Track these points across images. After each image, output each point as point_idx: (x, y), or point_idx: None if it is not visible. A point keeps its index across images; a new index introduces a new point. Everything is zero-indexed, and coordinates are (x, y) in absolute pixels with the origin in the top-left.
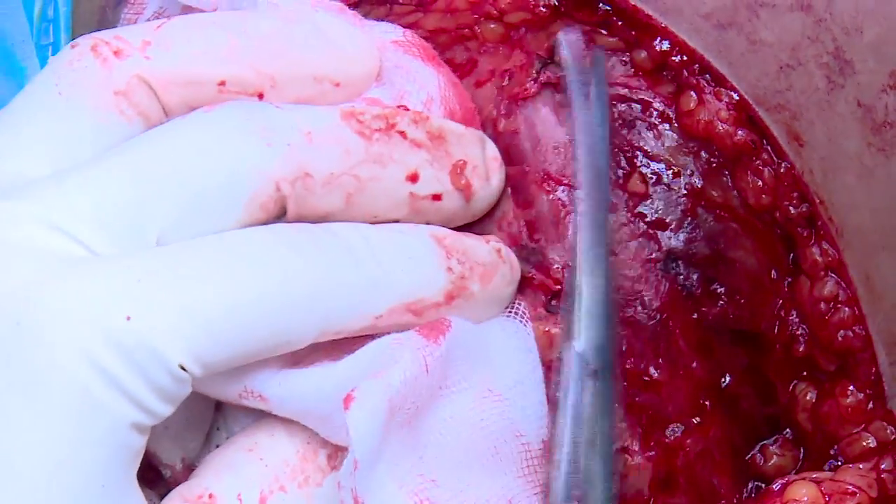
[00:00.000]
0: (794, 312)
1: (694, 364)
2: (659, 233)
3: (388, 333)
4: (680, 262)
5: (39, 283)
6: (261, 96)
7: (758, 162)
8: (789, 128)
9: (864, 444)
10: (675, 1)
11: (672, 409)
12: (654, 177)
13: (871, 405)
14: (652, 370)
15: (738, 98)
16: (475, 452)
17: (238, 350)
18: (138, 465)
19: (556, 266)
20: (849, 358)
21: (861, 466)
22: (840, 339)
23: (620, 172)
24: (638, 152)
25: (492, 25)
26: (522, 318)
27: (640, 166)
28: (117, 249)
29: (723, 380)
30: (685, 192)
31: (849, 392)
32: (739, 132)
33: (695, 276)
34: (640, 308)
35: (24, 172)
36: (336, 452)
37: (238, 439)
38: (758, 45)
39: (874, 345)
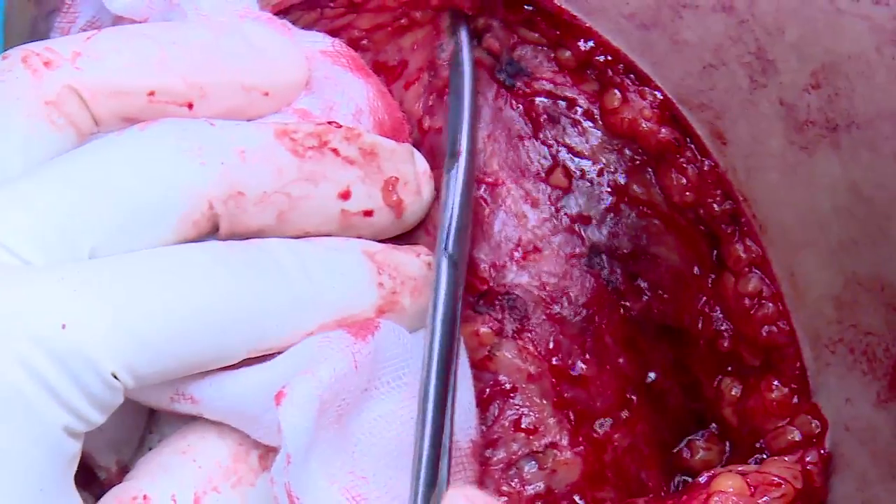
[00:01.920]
0: (717, 308)
1: (620, 359)
2: (582, 228)
3: None
4: (604, 256)
5: None
6: (190, 106)
7: (682, 160)
8: (712, 126)
9: (790, 437)
10: (599, 1)
11: (600, 405)
12: (578, 172)
13: (795, 399)
14: (579, 365)
15: (661, 97)
16: (404, 450)
17: (169, 364)
18: (75, 468)
19: (482, 266)
20: (773, 353)
21: (787, 459)
22: (764, 334)
23: (545, 164)
24: (562, 147)
25: (417, 14)
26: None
27: (563, 161)
28: (50, 261)
29: (649, 375)
30: (609, 188)
31: (774, 387)
32: (663, 130)
33: (619, 271)
34: (566, 304)
35: None
36: (267, 453)
37: (171, 441)
38: (681, 45)
39: (798, 340)
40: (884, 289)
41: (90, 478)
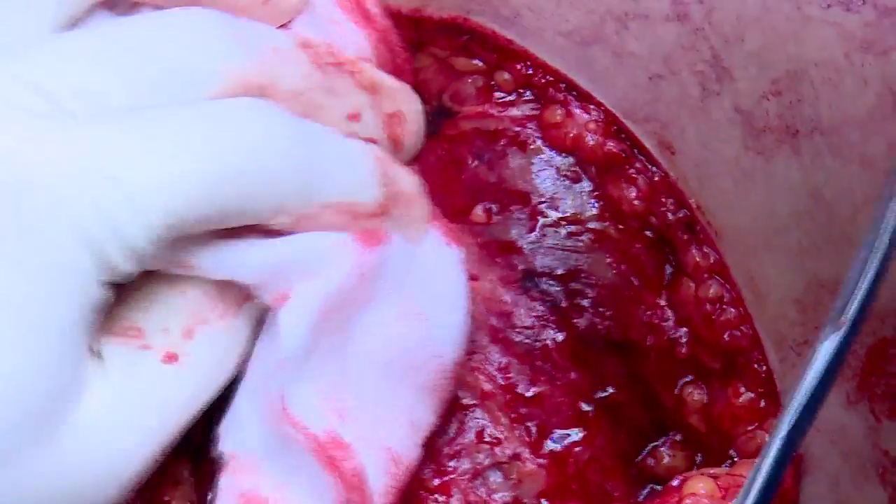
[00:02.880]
0: (669, 317)
1: (572, 375)
2: (513, 256)
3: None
4: (539, 280)
5: (20, 137)
6: None
7: (631, 171)
8: (660, 137)
9: (760, 440)
10: (535, 22)
11: (556, 420)
12: (502, 202)
13: (763, 403)
14: (530, 385)
15: (604, 111)
16: (391, 366)
17: (208, 211)
18: (101, 317)
19: None
20: (738, 357)
21: (756, 460)
22: (727, 338)
23: (467, 201)
24: (486, 182)
25: None
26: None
27: (484, 196)
28: (92, 114)
29: (603, 389)
30: (538, 212)
31: (740, 391)
32: (609, 143)
33: (557, 292)
34: (508, 327)
35: None
36: None
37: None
38: (624, 57)
39: (762, 343)
40: None
41: None
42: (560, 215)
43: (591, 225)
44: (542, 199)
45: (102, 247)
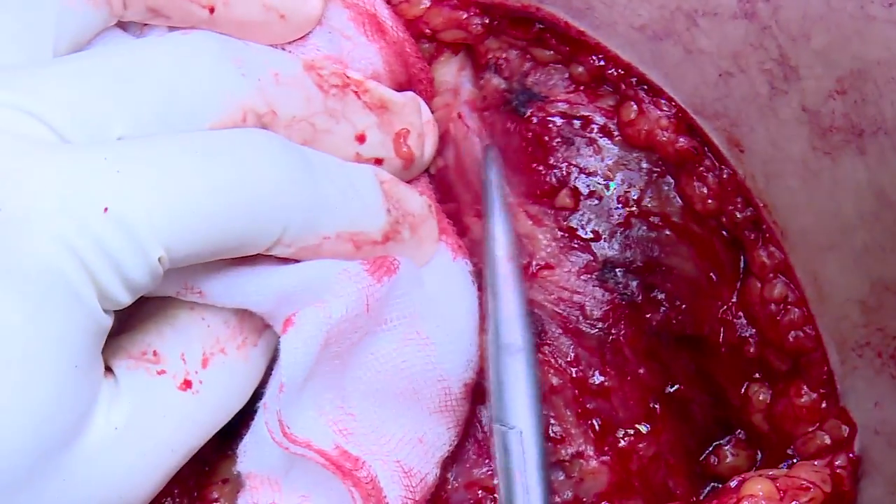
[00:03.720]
0: (741, 315)
1: (641, 370)
2: (593, 244)
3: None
4: (617, 270)
5: (20, 168)
6: (212, 10)
7: (701, 168)
8: (729, 134)
9: (819, 441)
10: (607, 15)
11: (623, 415)
12: (587, 190)
13: (824, 404)
14: (599, 377)
15: (676, 107)
16: (395, 391)
17: (206, 245)
18: (104, 341)
19: None
20: (801, 358)
21: (816, 463)
22: (791, 339)
23: (555, 186)
24: (573, 167)
25: (425, 45)
26: (464, 263)
27: (571, 181)
28: (89, 141)
29: (672, 385)
30: (619, 203)
31: (802, 392)
32: (681, 140)
33: (634, 284)
34: (582, 318)
35: None
36: None
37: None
38: (695, 53)
39: (825, 344)
40: None
41: None
42: (644, 208)
43: (674, 220)
44: (628, 191)
45: (99, 277)
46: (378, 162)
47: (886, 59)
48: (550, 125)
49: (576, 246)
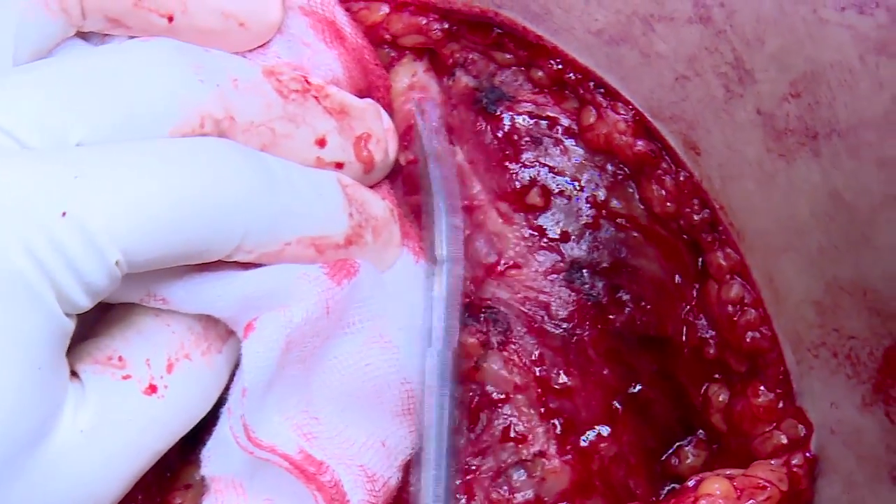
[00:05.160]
0: (702, 316)
1: (605, 371)
2: (561, 244)
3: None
4: (584, 271)
5: None
6: (171, 19)
7: (659, 171)
8: (686, 137)
9: (777, 441)
10: (565, 20)
11: (586, 415)
12: (557, 190)
13: (781, 404)
14: (563, 377)
15: (633, 111)
16: (358, 394)
17: (164, 251)
18: (67, 343)
19: (466, 282)
20: (758, 358)
21: (773, 462)
22: (748, 340)
23: (524, 185)
24: (542, 167)
25: (386, 50)
26: (427, 265)
27: (541, 181)
28: (48, 147)
29: (634, 385)
30: (587, 204)
31: (760, 392)
32: (638, 143)
33: (600, 285)
34: (547, 318)
35: None
36: None
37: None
38: (652, 57)
39: (781, 345)
40: (866, 293)
41: None
42: (611, 209)
43: (641, 221)
44: (596, 192)
45: (58, 280)
46: (339, 166)
47: (839, 62)
48: (519, 124)
49: (544, 245)
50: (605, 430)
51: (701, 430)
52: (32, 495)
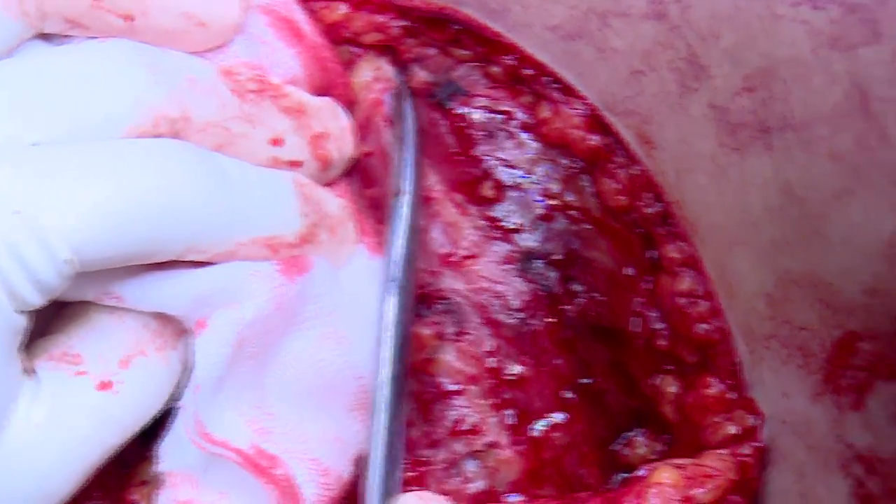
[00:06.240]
0: (654, 308)
1: (558, 360)
2: (515, 235)
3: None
4: (538, 262)
5: None
6: (129, 19)
7: (612, 165)
8: (640, 131)
9: (727, 431)
10: (523, 16)
11: (538, 405)
12: (511, 182)
13: (731, 394)
14: (516, 367)
15: (588, 105)
16: (312, 390)
17: (116, 251)
18: (20, 339)
19: (421, 273)
20: (709, 350)
21: (722, 451)
22: (700, 331)
23: (478, 177)
24: (496, 161)
25: (346, 48)
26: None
27: (494, 173)
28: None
29: (587, 376)
30: (541, 196)
31: (710, 383)
32: (592, 137)
33: (553, 276)
34: (501, 308)
35: None
36: None
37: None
38: (607, 53)
39: (732, 336)
40: (817, 286)
41: None
42: (564, 202)
43: (594, 214)
44: (549, 184)
45: (9, 278)
46: (295, 165)
47: (794, 57)
48: (474, 118)
49: (498, 236)
50: (557, 419)
51: (651, 421)
52: None
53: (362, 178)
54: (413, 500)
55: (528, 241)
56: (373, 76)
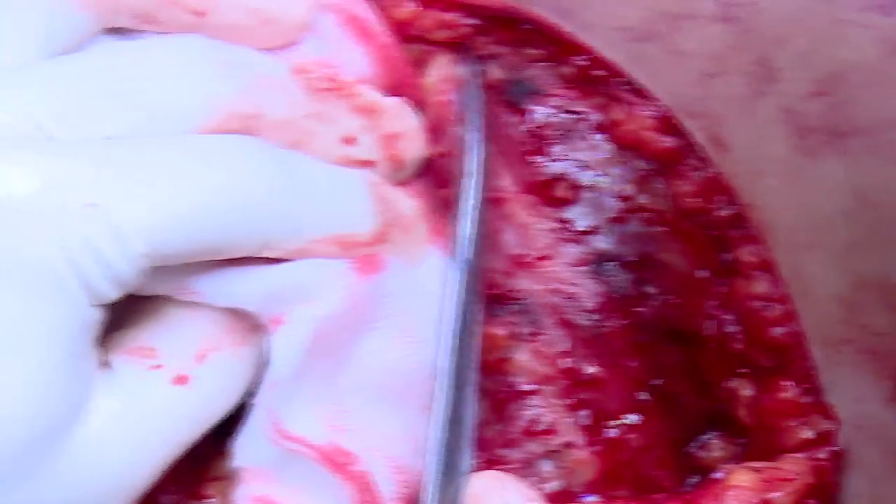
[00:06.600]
0: (728, 311)
1: (632, 363)
2: (589, 237)
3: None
4: (611, 264)
5: (5, 163)
6: (200, 15)
7: (686, 167)
8: (711, 133)
9: (803, 435)
10: (593, 16)
11: (613, 406)
12: (585, 184)
13: (807, 399)
14: (591, 368)
15: (660, 107)
16: (387, 388)
17: (190, 246)
18: (95, 333)
19: (496, 274)
20: (784, 353)
21: (799, 455)
22: (775, 335)
23: (552, 179)
24: (570, 161)
25: (416, 46)
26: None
27: (570, 174)
28: (76, 139)
29: (661, 377)
30: (615, 198)
31: (786, 387)
32: (665, 139)
33: (628, 278)
34: (575, 310)
35: None
36: None
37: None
38: (678, 55)
39: (807, 340)
40: (890, 290)
41: None
42: (638, 204)
43: (667, 216)
44: (623, 186)
45: (84, 270)
46: (367, 164)
47: (862, 62)
48: (548, 119)
49: (572, 238)
50: (632, 421)
51: (726, 424)
52: (59, 483)
53: (434, 179)
54: (489, 478)
55: (602, 243)
56: (443, 76)
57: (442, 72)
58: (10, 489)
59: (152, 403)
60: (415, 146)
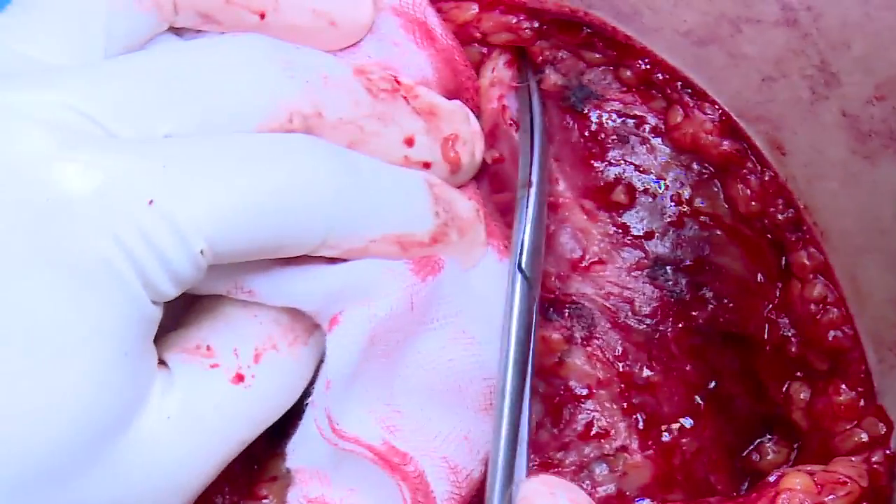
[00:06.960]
0: (784, 315)
1: (687, 367)
2: (645, 241)
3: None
4: (667, 268)
5: (69, 161)
6: (263, 16)
7: (744, 171)
8: (771, 137)
9: (857, 439)
10: (654, 20)
11: (667, 411)
12: (642, 188)
13: (862, 402)
14: (646, 372)
15: (719, 111)
16: (441, 389)
17: (249, 244)
18: (155, 330)
19: (549, 277)
20: (840, 357)
21: (853, 459)
22: (830, 339)
23: (609, 182)
24: (628, 165)
25: (476, 47)
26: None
27: (627, 178)
28: (135, 137)
29: (715, 381)
30: (672, 202)
31: (841, 390)
32: (724, 143)
33: (683, 282)
34: (631, 314)
35: (36, 57)
36: None
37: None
38: (738, 59)
39: (863, 344)
40: None
41: None
42: (696, 207)
43: (724, 220)
44: (681, 190)
45: (145, 267)
46: (426, 166)
47: None
48: (607, 122)
49: (628, 242)
50: (687, 425)
51: (781, 428)
52: (117, 481)
53: (491, 184)
54: (539, 483)
55: (658, 247)
56: (496, 79)
57: (496, 75)
58: (64, 486)
59: (210, 403)
60: (473, 149)
